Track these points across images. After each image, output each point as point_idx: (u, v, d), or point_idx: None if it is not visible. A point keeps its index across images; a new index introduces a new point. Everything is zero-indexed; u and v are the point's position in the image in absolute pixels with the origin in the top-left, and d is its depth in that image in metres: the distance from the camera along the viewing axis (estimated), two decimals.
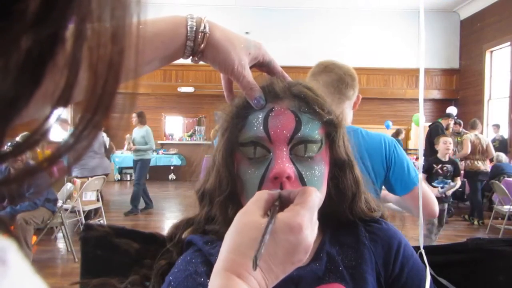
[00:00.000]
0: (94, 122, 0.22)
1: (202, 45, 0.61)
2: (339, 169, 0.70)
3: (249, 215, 0.51)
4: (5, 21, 0.18)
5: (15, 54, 0.18)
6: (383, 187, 1.45)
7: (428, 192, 1.41)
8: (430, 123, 6.80)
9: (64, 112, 0.21)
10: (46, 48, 0.19)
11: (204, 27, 0.61)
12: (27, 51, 0.18)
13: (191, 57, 0.63)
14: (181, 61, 0.67)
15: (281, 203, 0.54)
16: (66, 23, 0.19)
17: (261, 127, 0.65)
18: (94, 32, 0.20)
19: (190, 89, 10.30)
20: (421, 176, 1.04)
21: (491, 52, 9.31)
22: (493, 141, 7.50)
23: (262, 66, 0.71)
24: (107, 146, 5.97)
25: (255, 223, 0.49)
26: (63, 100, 0.20)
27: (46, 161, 0.21)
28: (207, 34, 0.61)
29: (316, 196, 0.53)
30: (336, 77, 1.41)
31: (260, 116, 0.65)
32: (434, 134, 6.18)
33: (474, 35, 9.73)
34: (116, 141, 8.16)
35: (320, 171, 0.65)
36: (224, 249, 0.50)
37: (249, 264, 0.46)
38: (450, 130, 7.08)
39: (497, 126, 8.12)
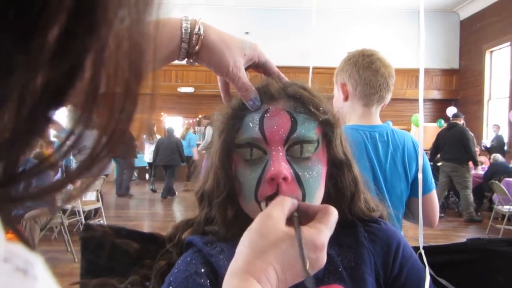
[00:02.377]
0: (110, 146, 0.22)
1: (197, 47, 0.62)
2: (337, 168, 0.70)
3: (274, 221, 0.51)
4: (24, 55, 0.17)
5: (32, 85, 0.18)
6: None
7: (436, 202, 1.42)
8: (447, 124, 6.51)
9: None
10: (65, 79, 0.19)
11: (199, 29, 0.61)
12: (46, 82, 0.18)
13: (186, 59, 0.64)
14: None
15: (299, 214, 0.55)
16: (85, 56, 0.19)
17: (257, 128, 0.65)
18: (113, 59, 0.20)
19: (190, 89, 10.30)
20: (421, 176, 1.04)
21: (491, 52, 9.31)
22: (493, 140, 7.55)
23: (258, 67, 0.71)
24: None
25: (281, 233, 0.50)
26: (81, 125, 0.21)
27: (61, 182, 0.22)
28: (202, 36, 0.61)
29: (336, 216, 0.55)
30: (382, 79, 1.37)
31: (256, 117, 0.65)
32: (465, 136, 6.00)
33: (474, 35, 9.73)
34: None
35: (317, 171, 0.65)
36: (245, 250, 0.50)
37: (269, 271, 0.48)
38: None
39: (497, 126, 8.23)
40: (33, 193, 0.21)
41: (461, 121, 6.38)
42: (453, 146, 6.01)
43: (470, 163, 6.19)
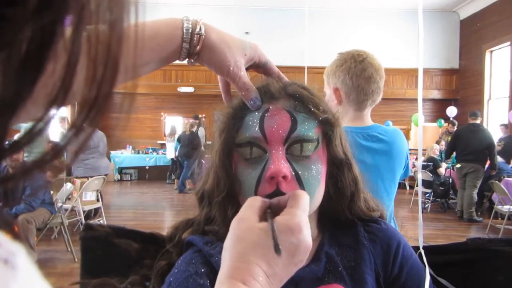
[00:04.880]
0: (93, 113, 0.22)
1: (198, 47, 0.62)
2: (337, 168, 0.70)
3: (247, 221, 0.52)
4: (8, 8, 0.18)
5: (18, 43, 0.18)
6: None
7: None
8: (469, 125, 6.32)
9: (63, 110, 0.21)
10: (47, 36, 0.19)
11: (200, 29, 0.62)
12: (29, 39, 0.19)
13: (187, 59, 0.64)
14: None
15: (272, 210, 0.55)
16: (67, 11, 0.19)
17: (257, 128, 0.65)
18: (92, 22, 0.20)
19: (190, 89, 10.31)
20: (420, 175, 1.04)
21: (491, 52, 9.31)
22: (499, 141, 7.21)
23: (258, 67, 0.71)
24: None
25: (254, 229, 0.50)
26: (62, 91, 0.20)
27: (49, 153, 0.21)
28: (203, 36, 0.62)
29: (307, 198, 0.55)
30: (375, 85, 1.39)
31: (256, 117, 0.66)
32: (492, 141, 6.05)
33: (474, 35, 9.73)
34: (115, 141, 8.18)
35: (317, 170, 0.66)
36: (227, 257, 0.50)
37: (253, 270, 0.47)
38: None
39: (505, 126, 7.77)
40: (23, 169, 0.21)
41: (478, 120, 6.30)
42: (477, 148, 6.02)
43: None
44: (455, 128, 7.79)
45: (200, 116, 9.37)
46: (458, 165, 6.26)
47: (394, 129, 1.47)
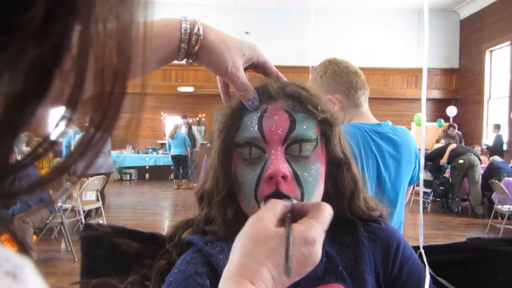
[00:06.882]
0: (102, 130, 0.22)
1: (196, 47, 0.62)
2: (336, 167, 0.70)
3: (265, 223, 0.51)
4: (9, 34, 0.17)
5: (21, 66, 0.18)
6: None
7: None
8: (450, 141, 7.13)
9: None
10: (50, 58, 0.19)
11: (198, 30, 0.62)
12: (32, 62, 0.18)
13: (185, 59, 0.64)
14: None
15: (293, 214, 0.55)
16: (69, 34, 0.19)
17: (256, 128, 0.65)
18: (99, 41, 0.20)
19: (190, 89, 10.31)
20: (421, 175, 1.04)
21: (491, 51, 9.31)
22: (494, 142, 7.45)
23: (257, 67, 0.71)
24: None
25: (271, 232, 0.50)
26: (70, 107, 0.20)
27: (55, 172, 0.21)
28: (201, 37, 0.62)
29: (330, 212, 0.55)
30: (362, 78, 1.43)
31: (255, 117, 0.66)
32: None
33: (474, 35, 9.73)
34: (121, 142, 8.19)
35: (316, 170, 0.66)
36: (237, 254, 0.50)
37: (263, 272, 0.47)
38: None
39: (495, 126, 7.91)
40: (27, 186, 0.21)
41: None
42: (463, 142, 6.58)
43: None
44: (455, 131, 7.91)
45: (200, 116, 9.38)
46: (461, 161, 6.43)
47: (402, 128, 1.47)
